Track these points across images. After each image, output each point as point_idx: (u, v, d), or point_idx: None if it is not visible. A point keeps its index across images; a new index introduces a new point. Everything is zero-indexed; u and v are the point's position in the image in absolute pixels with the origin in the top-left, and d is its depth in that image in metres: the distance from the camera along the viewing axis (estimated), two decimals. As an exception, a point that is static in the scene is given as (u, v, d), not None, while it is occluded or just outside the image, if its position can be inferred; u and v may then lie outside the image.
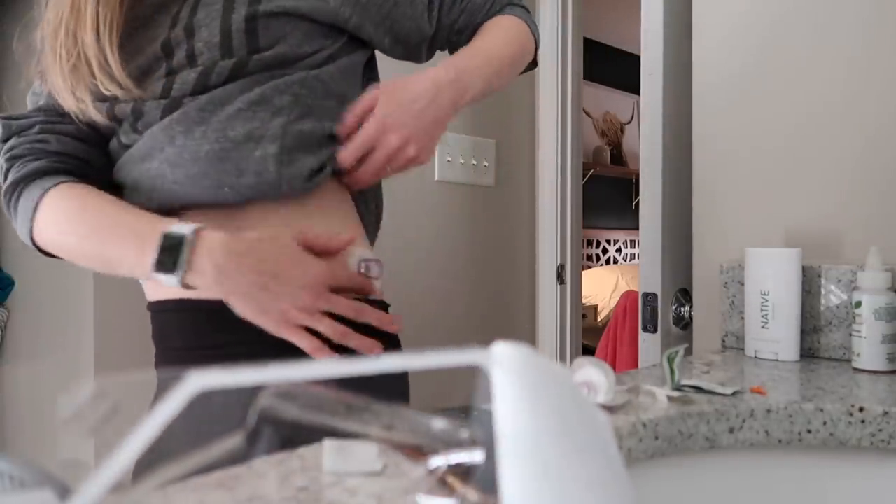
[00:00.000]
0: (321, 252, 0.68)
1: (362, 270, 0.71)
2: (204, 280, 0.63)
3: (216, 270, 0.63)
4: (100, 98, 0.71)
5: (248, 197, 0.69)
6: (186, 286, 0.64)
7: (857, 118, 0.92)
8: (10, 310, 1.54)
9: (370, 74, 0.84)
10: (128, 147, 0.72)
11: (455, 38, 0.86)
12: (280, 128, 0.69)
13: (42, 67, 0.73)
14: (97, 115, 0.71)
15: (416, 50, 0.85)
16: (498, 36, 0.84)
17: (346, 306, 0.66)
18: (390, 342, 0.76)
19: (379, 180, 0.82)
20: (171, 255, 0.63)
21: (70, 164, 0.73)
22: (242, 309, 0.64)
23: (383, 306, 0.76)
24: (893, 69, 0.89)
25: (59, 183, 0.70)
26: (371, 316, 0.68)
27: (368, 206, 0.82)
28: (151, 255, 0.63)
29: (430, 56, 0.88)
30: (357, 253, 0.72)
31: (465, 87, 0.77)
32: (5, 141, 0.74)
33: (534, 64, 0.92)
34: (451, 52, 0.87)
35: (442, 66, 0.76)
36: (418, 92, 0.74)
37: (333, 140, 0.74)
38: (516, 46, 0.85)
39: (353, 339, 0.66)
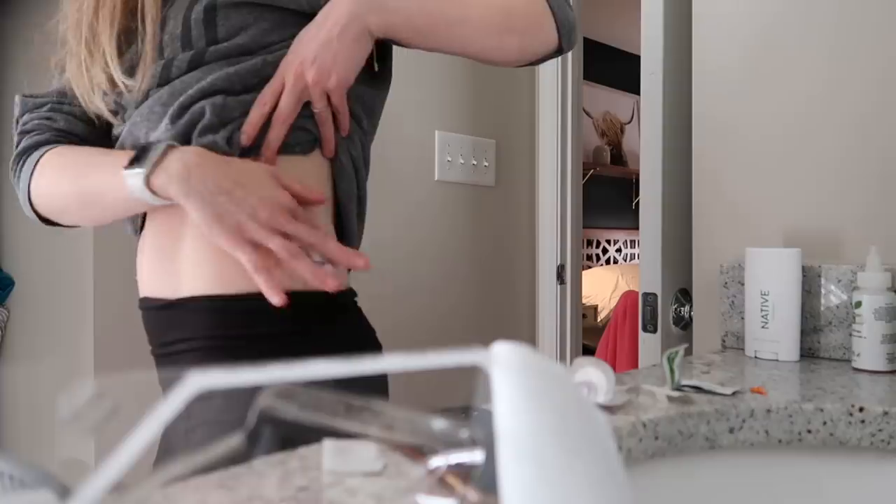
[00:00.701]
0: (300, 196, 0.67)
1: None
2: (167, 178, 0.62)
3: (183, 168, 0.62)
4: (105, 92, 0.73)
5: None
6: (151, 189, 0.63)
7: (857, 118, 0.92)
8: (10, 310, 1.54)
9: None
10: (117, 138, 0.74)
11: None
12: (221, 100, 0.67)
13: (62, 62, 0.74)
14: (106, 112, 0.72)
15: None
16: None
17: (306, 231, 0.62)
18: (368, 343, 0.75)
19: (355, 154, 0.76)
20: (142, 154, 0.64)
21: (72, 140, 0.76)
22: (199, 212, 0.62)
23: (352, 294, 0.75)
24: (894, 69, 0.89)
25: (51, 148, 0.74)
26: (333, 248, 0.63)
27: (349, 187, 0.75)
28: (126, 161, 0.64)
29: None
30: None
31: (375, 4, 0.69)
32: (22, 115, 0.78)
33: (559, 51, 0.81)
34: None
35: None
36: (314, 23, 0.69)
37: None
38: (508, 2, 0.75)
39: (302, 262, 0.61)
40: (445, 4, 0.73)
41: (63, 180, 0.71)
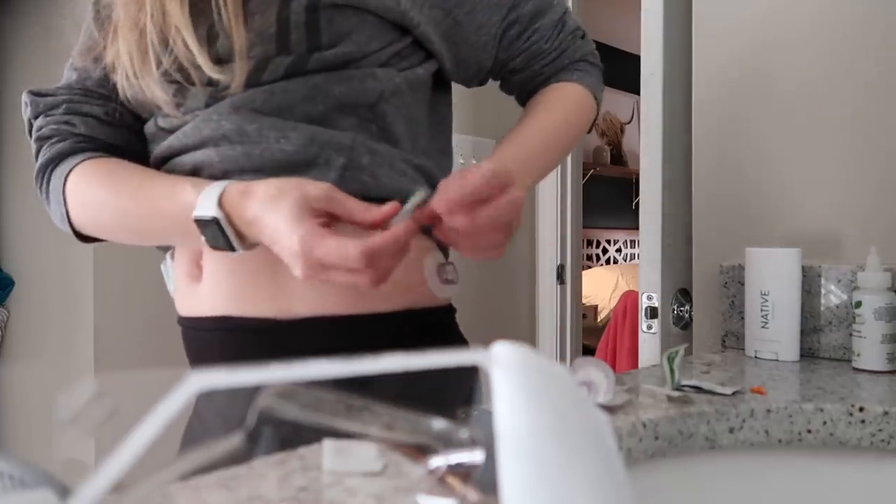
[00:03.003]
0: (352, 222, 0.56)
1: (444, 276, 0.67)
2: (258, 241, 0.57)
3: (259, 234, 0.56)
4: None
5: None
6: (252, 246, 0.58)
7: (858, 118, 0.92)
8: (10, 310, 1.54)
9: (443, 98, 0.76)
10: (166, 131, 0.66)
11: (508, 75, 0.78)
12: (349, 139, 0.63)
13: (108, 53, 0.65)
14: (168, 101, 0.63)
15: (468, 77, 0.77)
16: (555, 118, 0.74)
17: (338, 259, 0.53)
18: (452, 338, 0.72)
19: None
20: (213, 237, 0.57)
21: (96, 144, 0.69)
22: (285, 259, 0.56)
23: (452, 311, 0.73)
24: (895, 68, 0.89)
25: (81, 161, 0.66)
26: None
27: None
28: (200, 237, 0.58)
29: (479, 84, 0.80)
30: (434, 257, 0.68)
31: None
32: (35, 118, 0.70)
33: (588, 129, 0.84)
34: (503, 85, 0.81)
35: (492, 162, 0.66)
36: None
37: (408, 174, 0.66)
38: (574, 132, 0.76)
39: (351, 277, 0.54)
40: (550, 160, 0.74)
41: (109, 217, 0.64)
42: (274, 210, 0.54)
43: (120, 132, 0.70)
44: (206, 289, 0.65)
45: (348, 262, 0.52)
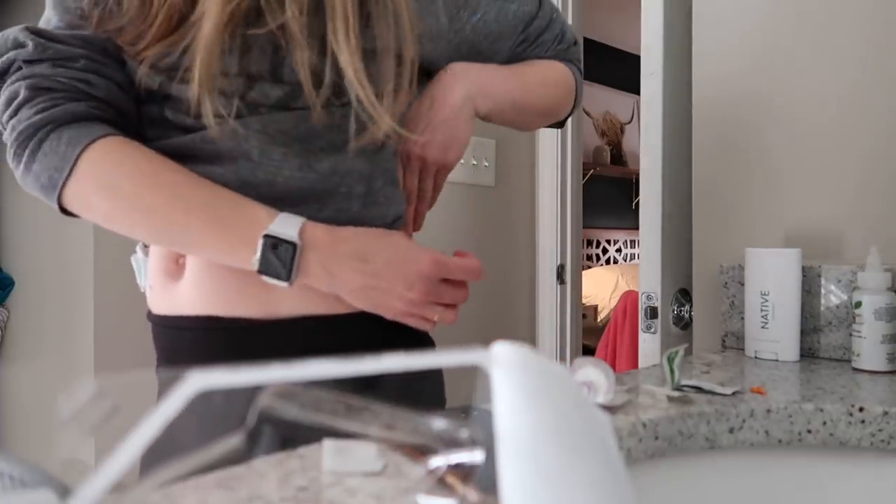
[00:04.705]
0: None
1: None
2: (311, 281, 0.60)
3: (325, 273, 0.60)
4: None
5: None
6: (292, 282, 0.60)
7: (858, 118, 0.92)
8: (10, 310, 1.54)
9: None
10: (174, 124, 0.62)
11: None
12: (368, 166, 0.65)
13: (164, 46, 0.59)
14: (212, 117, 0.60)
15: None
16: (540, 68, 0.80)
17: (452, 293, 0.67)
18: (424, 342, 0.76)
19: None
20: (278, 260, 0.58)
21: (112, 114, 0.62)
22: (360, 304, 0.63)
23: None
24: (894, 67, 0.89)
25: (107, 134, 0.60)
26: (466, 293, 0.70)
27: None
28: (253, 253, 0.57)
29: None
30: None
31: (482, 91, 0.72)
32: (38, 62, 0.59)
33: (561, 124, 0.89)
34: None
35: (460, 70, 0.72)
36: (425, 104, 0.71)
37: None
38: (554, 86, 0.81)
39: (453, 315, 0.69)
40: (527, 95, 0.78)
41: (144, 210, 0.59)
42: (384, 248, 0.63)
43: (132, 103, 0.64)
44: (186, 287, 0.64)
45: (473, 272, 0.68)
